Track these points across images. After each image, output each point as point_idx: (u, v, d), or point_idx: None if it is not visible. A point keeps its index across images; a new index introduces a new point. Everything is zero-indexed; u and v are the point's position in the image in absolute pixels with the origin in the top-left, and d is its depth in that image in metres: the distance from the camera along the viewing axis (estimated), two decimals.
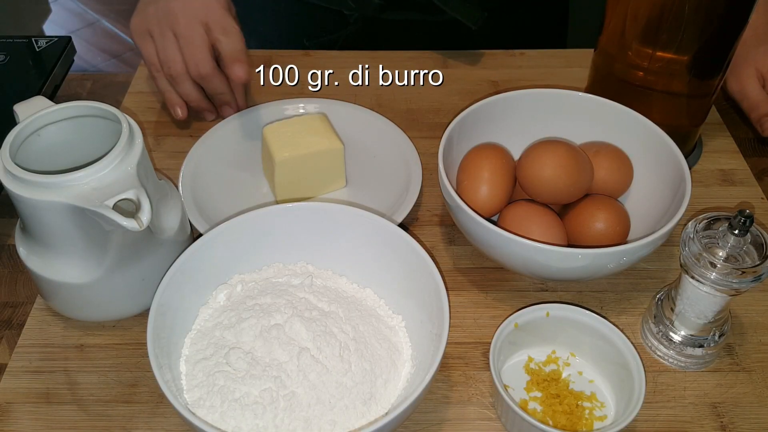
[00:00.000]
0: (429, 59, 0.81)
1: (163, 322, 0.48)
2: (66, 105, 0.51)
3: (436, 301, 0.48)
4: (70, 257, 0.50)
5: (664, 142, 0.58)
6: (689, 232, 0.49)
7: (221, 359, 0.47)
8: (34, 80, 0.73)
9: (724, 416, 0.50)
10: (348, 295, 0.54)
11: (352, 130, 0.69)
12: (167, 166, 0.68)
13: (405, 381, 0.49)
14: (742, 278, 0.47)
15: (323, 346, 0.47)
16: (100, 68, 2.28)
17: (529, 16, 0.89)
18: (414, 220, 0.64)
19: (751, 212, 0.47)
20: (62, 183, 0.46)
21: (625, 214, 0.58)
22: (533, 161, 0.58)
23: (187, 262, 0.50)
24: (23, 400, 0.51)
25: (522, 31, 0.88)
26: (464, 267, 0.60)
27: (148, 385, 0.52)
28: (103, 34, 2.42)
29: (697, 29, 0.59)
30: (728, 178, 0.68)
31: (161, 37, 0.66)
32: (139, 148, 0.49)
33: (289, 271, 0.55)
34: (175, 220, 0.54)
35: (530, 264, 0.53)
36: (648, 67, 0.62)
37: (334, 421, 0.45)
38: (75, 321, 0.55)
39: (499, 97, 0.62)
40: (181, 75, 0.67)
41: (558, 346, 0.53)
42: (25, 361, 0.53)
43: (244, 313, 0.50)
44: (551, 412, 0.49)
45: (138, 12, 0.69)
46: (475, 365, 0.53)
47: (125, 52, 2.35)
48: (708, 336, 0.52)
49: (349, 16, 0.83)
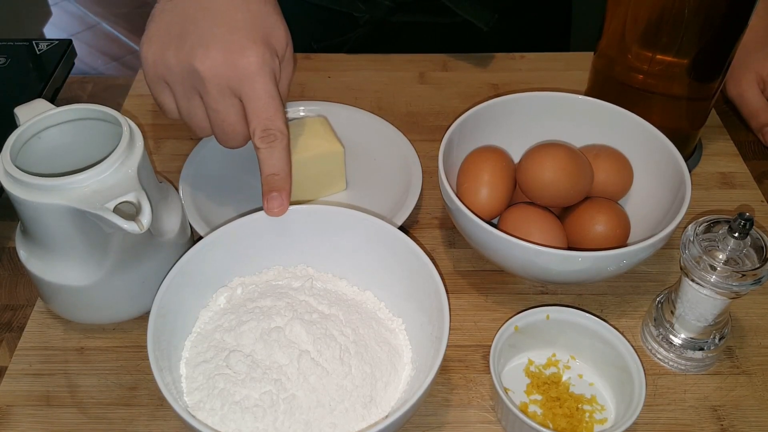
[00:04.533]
0: (429, 62, 0.82)
1: (164, 324, 0.48)
2: (66, 108, 0.51)
3: (436, 303, 0.48)
4: (71, 260, 0.50)
5: (664, 145, 0.59)
6: (689, 235, 0.49)
7: (221, 362, 0.47)
8: (34, 83, 0.73)
9: (724, 419, 0.50)
10: (348, 297, 0.54)
11: (352, 132, 0.69)
12: (168, 169, 0.68)
13: (405, 384, 0.49)
14: (742, 281, 0.47)
15: (323, 349, 0.47)
16: (100, 71, 2.29)
17: (537, 18, 0.89)
18: (414, 222, 0.64)
19: (751, 215, 0.47)
20: (63, 186, 0.46)
21: (625, 216, 0.58)
22: (533, 164, 0.58)
23: (188, 264, 0.50)
24: (23, 403, 0.51)
25: (529, 33, 0.88)
26: (464, 270, 0.60)
27: (148, 388, 0.51)
28: (103, 37, 2.42)
29: (697, 32, 0.59)
30: (728, 181, 0.68)
31: (185, 99, 0.53)
32: (140, 150, 0.49)
33: (290, 273, 0.55)
34: (175, 222, 0.54)
35: (530, 267, 0.53)
36: (648, 70, 0.62)
37: (334, 424, 0.45)
38: (75, 324, 0.55)
39: (499, 100, 0.62)
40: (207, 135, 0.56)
41: (558, 349, 0.53)
42: (25, 363, 0.53)
43: (245, 315, 0.50)
44: (551, 415, 0.49)
45: (152, 46, 0.52)
46: (476, 368, 0.53)
47: (126, 55, 2.35)
48: (708, 339, 0.52)
49: (359, 18, 0.83)
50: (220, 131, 0.54)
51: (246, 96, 0.51)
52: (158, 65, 0.52)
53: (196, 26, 0.51)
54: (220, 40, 0.51)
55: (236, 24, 0.51)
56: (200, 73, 0.50)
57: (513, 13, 0.84)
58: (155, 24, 0.53)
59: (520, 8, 0.86)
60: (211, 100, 0.51)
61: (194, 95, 0.52)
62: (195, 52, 0.50)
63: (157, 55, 0.52)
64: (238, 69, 0.50)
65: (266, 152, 0.51)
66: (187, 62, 0.50)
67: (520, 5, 0.86)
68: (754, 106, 0.69)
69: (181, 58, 0.51)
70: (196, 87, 0.52)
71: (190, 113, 0.54)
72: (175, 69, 0.51)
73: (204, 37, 0.51)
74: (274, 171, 0.51)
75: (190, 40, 0.51)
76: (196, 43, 0.51)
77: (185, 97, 0.53)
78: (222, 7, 0.52)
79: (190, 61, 0.50)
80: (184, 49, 0.51)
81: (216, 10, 0.52)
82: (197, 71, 0.50)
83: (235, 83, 0.51)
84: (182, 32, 0.51)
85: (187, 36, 0.51)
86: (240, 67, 0.50)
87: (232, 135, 0.54)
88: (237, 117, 0.52)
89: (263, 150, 0.51)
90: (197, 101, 0.53)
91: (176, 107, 0.54)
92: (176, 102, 0.54)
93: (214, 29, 0.51)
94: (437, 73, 0.80)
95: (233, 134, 0.54)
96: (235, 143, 0.55)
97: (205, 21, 0.51)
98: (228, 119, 0.52)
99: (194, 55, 0.50)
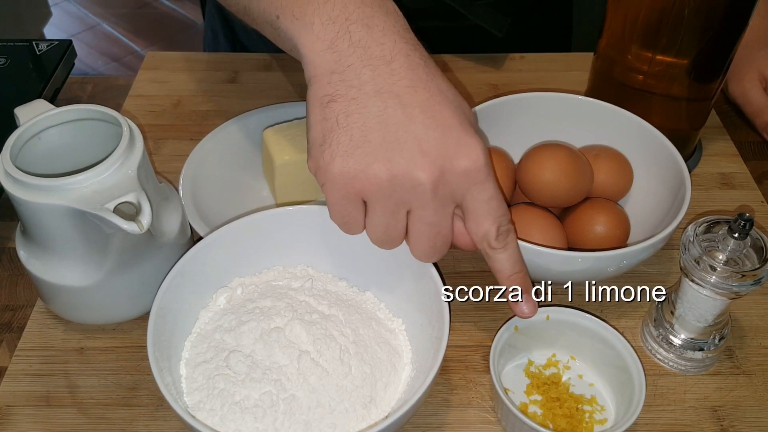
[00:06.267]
0: None
1: (164, 325, 0.48)
2: (67, 108, 0.51)
3: (436, 304, 0.48)
4: (71, 260, 0.50)
5: (664, 146, 0.59)
6: (689, 235, 0.49)
7: (221, 362, 0.47)
8: (34, 83, 0.73)
9: (724, 419, 0.50)
10: (348, 298, 0.54)
11: None
12: (167, 169, 0.68)
13: (405, 384, 0.49)
14: (742, 281, 0.47)
15: (323, 350, 0.47)
16: (100, 71, 2.29)
17: (541, 20, 0.89)
18: None
19: (751, 215, 0.47)
20: (63, 186, 0.46)
21: (625, 217, 0.58)
22: (533, 164, 0.58)
23: (188, 265, 0.50)
24: (23, 403, 0.51)
25: (533, 36, 0.88)
26: (464, 270, 0.60)
27: (148, 389, 0.51)
28: (103, 38, 2.42)
29: (697, 32, 0.59)
30: (728, 181, 0.68)
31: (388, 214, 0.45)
32: (140, 151, 0.49)
33: (290, 274, 0.55)
34: (175, 223, 0.54)
35: (530, 267, 0.53)
36: (648, 71, 0.62)
37: (334, 425, 0.45)
38: (75, 324, 0.55)
39: (499, 101, 0.62)
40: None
41: (558, 350, 0.53)
42: (25, 364, 0.53)
43: (245, 316, 0.50)
44: (551, 416, 0.49)
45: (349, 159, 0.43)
46: (476, 368, 0.53)
47: (126, 55, 2.35)
48: (708, 339, 0.52)
49: None
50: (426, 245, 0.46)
51: (474, 199, 0.45)
52: (358, 180, 0.43)
53: (406, 131, 0.43)
54: (438, 143, 0.43)
55: (446, 121, 0.44)
56: (424, 186, 0.43)
57: (523, 18, 0.84)
58: (345, 133, 0.43)
59: (529, 12, 0.86)
60: (429, 213, 0.44)
61: (401, 210, 0.45)
62: (415, 161, 0.43)
63: (357, 169, 0.43)
64: (470, 175, 0.44)
65: (505, 253, 0.47)
66: (406, 175, 0.43)
67: (529, 9, 0.85)
68: (757, 104, 0.69)
69: (395, 171, 0.43)
70: (409, 201, 0.44)
71: (387, 229, 0.46)
72: (383, 183, 0.43)
73: (421, 142, 0.43)
74: (516, 269, 0.47)
75: (403, 148, 0.43)
76: (413, 151, 0.43)
77: (389, 212, 0.45)
78: (423, 103, 0.44)
79: (409, 173, 0.43)
80: (399, 160, 0.43)
81: (419, 107, 0.44)
82: (420, 184, 0.43)
83: (463, 190, 0.44)
84: (388, 140, 0.43)
85: (396, 145, 0.43)
86: (471, 171, 0.44)
87: (442, 247, 0.47)
88: (450, 227, 0.46)
89: (501, 251, 0.46)
90: (402, 215, 0.45)
91: (364, 223, 0.46)
92: (371, 218, 0.46)
93: (429, 132, 0.43)
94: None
95: (442, 246, 0.47)
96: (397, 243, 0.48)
97: (414, 124, 0.43)
98: (443, 231, 0.46)
99: (414, 165, 0.43)
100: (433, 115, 0.44)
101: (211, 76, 0.80)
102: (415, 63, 0.45)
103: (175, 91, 0.78)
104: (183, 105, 0.76)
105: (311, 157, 0.45)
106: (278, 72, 0.80)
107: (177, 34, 2.45)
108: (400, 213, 0.45)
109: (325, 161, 0.44)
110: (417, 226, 0.45)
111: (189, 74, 0.80)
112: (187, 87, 0.78)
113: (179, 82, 0.79)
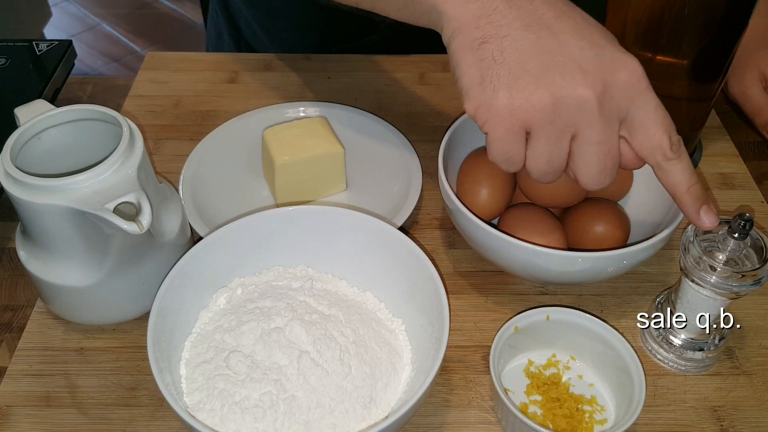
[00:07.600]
0: (429, 62, 0.82)
1: (164, 325, 0.48)
2: (67, 108, 0.51)
3: (436, 304, 0.48)
4: (71, 260, 0.50)
5: None
6: (689, 235, 0.49)
7: (221, 362, 0.47)
8: (34, 84, 0.73)
9: (724, 420, 0.50)
10: (348, 298, 0.54)
11: (352, 133, 0.69)
12: (168, 170, 0.68)
13: (405, 384, 0.49)
14: (742, 282, 0.47)
15: (323, 350, 0.47)
16: (100, 72, 2.29)
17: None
18: (414, 223, 0.64)
19: (750, 216, 0.47)
20: (63, 186, 0.46)
21: (625, 217, 0.58)
22: None
23: (188, 265, 0.50)
24: (23, 404, 0.51)
25: None
26: (464, 270, 0.60)
27: (148, 389, 0.51)
28: (103, 38, 2.42)
29: (697, 33, 0.59)
30: (728, 181, 0.68)
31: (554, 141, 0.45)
32: (140, 151, 0.49)
33: (290, 274, 0.55)
34: (175, 223, 0.54)
35: (530, 267, 0.53)
36: (647, 71, 0.62)
37: (334, 425, 0.45)
38: (75, 324, 0.55)
39: None
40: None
41: (558, 350, 0.53)
42: (25, 364, 0.53)
43: (245, 316, 0.50)
44: (551, 416, 0.49)
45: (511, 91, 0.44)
46: (476, 369, 0.53)
47: (126, 55, 2.35)
48: (708, 340, 0.52)
49: (380, 22, 0.82)
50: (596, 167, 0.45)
51: (641, 110, 0.45)
52: (522, 110, 0.44)
53: (563, 55, 0.44)
54: (596, 62, 0.44)
55: (598, 41, 0.45)
56: (590, 103, 0.43)
57: None
58: (503, 67, 0.44)
59: None
60: (597, 131, 0.44)
61: (565, 135, 0.45)
62: (577, 81, 0.43)
63: (521, 97, 0.43)
64: (632, 86, 0.44)
65: (682, 163, 0.46)
66: (571, 95, 0.43)
67: None
68: (757, 103, 0.69)
69: (559, 94, 0.43)
70: (575, 123, 0.44)
71: (551, 158, 0.45)
72: (548, 108, 0.43)
73: (580, 63, 0.44)
74: (694, 180, 0.46)
75: (563, 70, 0.43)
76: (574, 72, 0.43)
77: (554, 138, 0.44)
78: (572, 29, 0.45)
79: (574, 93, 0.43)
80: (561, 83, 0.43)
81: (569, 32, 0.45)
82: (587, 101, 0.43)
83: (626, 102, 0.44)
84: (546, 66, 0.44)
85: (556, 69, 0.43)
86: (632, 82, 0.44)
87: (612, 169, 0.46)
88: (618, 145, 0.46)
89: (677, 161, 0.45)
90: (565, 142, 0.45)
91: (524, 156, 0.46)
92: (533, 148, 0.45)
93: (585, 53, 0.44)
94: (437, 74, 0.80)
95: (612, 168, 0.46)
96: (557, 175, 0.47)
97: (568, 47, 0.44)
98: (612, 150, 0.45)
99: (578, 84, 0.43)
100: (584, 37, 0.45)
101: (211, 76, 0.80)
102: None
103: (175, 91, 0.78)
104: (183, 105, 0.76)
105: (469, 99, 0.45)
106: (278, 72, 0.80)
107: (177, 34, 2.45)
108: (564, 139, 0.45)
109: (487, 96, 0.44)
110: (585, 149, 0.45)
111: (189, 74, 0.80)
112: (187, 87, 0.78)
113: (179, 82, 0.79)
